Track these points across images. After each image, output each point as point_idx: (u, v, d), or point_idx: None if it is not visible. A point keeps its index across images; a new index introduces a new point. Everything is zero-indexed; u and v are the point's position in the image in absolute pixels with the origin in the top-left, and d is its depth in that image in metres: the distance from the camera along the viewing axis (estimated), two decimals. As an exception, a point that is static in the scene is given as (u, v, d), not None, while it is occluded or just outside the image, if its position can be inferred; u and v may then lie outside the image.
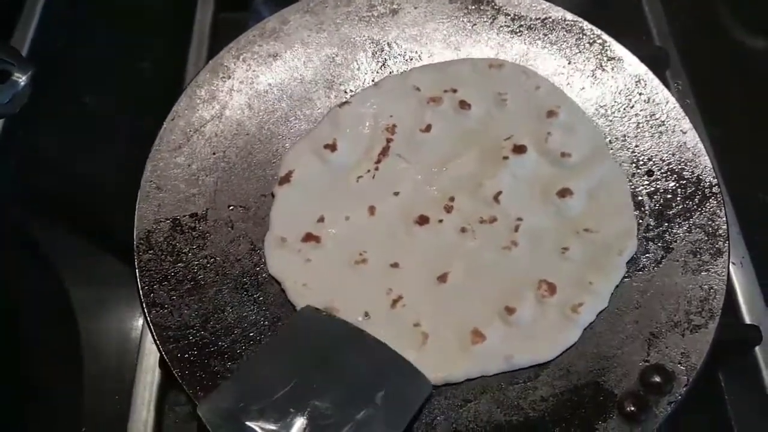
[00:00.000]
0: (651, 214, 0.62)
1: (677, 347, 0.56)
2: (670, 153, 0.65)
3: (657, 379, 0.54)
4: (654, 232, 0.61)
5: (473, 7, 0.73)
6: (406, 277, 0.60)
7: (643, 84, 0.68)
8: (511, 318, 0.57)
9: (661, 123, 0.66)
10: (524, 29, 0.72)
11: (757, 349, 0.66)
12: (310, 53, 0.72)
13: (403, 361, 0.54)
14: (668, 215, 0.62)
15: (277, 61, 0.71)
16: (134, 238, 0.61)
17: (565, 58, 0.71)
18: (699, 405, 0.59)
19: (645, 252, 0.61)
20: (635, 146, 0.66)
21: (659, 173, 0.64)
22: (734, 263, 0.69)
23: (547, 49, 0.71)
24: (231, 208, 0.64)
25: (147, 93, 0.85)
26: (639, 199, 0.63)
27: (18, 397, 0.68)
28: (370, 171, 0.65)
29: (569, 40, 0.71)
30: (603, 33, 0.71)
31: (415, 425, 0.54)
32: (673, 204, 0.63)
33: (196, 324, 0.58)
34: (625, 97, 0.68)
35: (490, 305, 0.58)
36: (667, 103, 0.67)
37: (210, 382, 0.55)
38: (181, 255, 0.61)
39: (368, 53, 0.72)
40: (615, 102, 0.68)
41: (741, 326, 0.67)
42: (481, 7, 0.73)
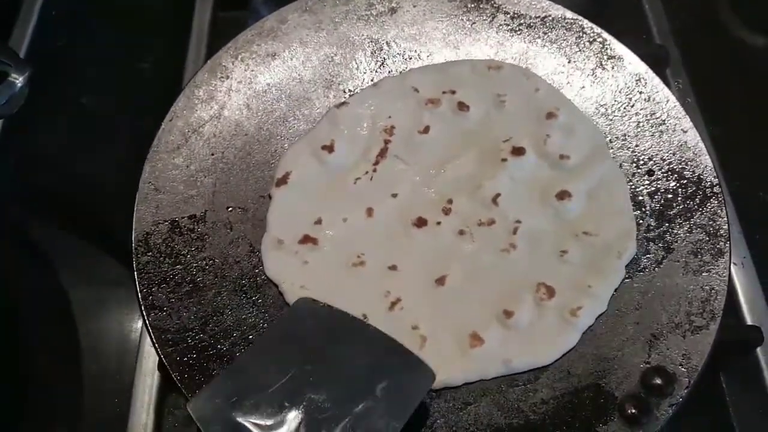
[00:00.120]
0: (651, 215, 0.62)
1: (678, 349, 0.55)
2: (670, 152, 0.64)
3: (658, 380, 0.54)
4: (655, 233, 0.61)
5: (472, 5, 0.73)
6: (404, 279, 0.60)
7: (643, 83, 0.68)
8: (510, 321, 0.57)
9: (661, 122, 0.66)
10: (524, 28, 0.72)
11: (759, 350, 0.66)
12: (308, 53, 0.71)
13: (404, 351, 0.53)
14: (669, 215, 0.62)
15: (275, 61, 0.71)
16: (132, 240, 0.61)
17: (565, 56, 0.70)
18: (700, 407, 0.59)
19: (646, 253, 0.60)
20: (635, 146, 0.66)
21: (660, 173, 0.64)
22: (735, 264, 0.69)
23: (546, 47, 0.71)
24: (230, 209, 0.64)
25: (146, 92, 0.85)
26: (639, 199, 0.63)
27: (17, 398, 0.68)
28: (368, 172, 0.65)
29: (569, 38, 0.71)
30: (603, 31, 0.70)
31: (416, 427, 0.54)
32: (673, 204, 0.62)
33: (195, 327, 0.58)
34: (626, 95, 0.68)
35: (489, 308, 0.58)
36: (667, 102, 0.66)
37: (209, 386, 0.55)
38: (180, 257, 0.61)
39: (367, 52, 0.72)
40: (615, 101, 0.68)
41: (742, 327, 0.67)
42: (481, 6, 0.73)
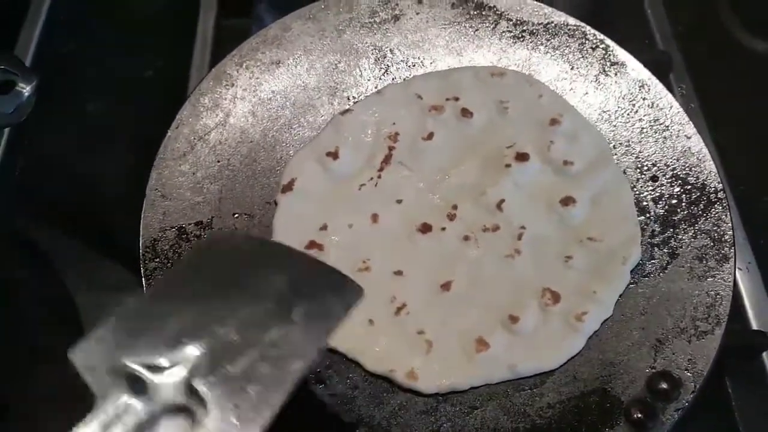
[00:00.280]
0: (656, 220, 0.62)
1: (684, 354, 0.55)
2: (674, 158, 0.65)
3: (664, 385, 0.54)
4: (659, 238, 0.61)
5: (475, 12, 0.73)
6: (409, 284, 0.60)
7: (646, 89, 0.68)
8: (515, 326, 0.57)
9: (665, 128, 0.66)
10: (527, 34, 0.72)
11: (765, 354, 0.66)
12: (312, 60, 0.72)
13: (329, 271, 0.48)
14: (673, 221, 0.62)
15: (279, 69, 0.71)
16: (140, 246, 0.61)
17: (567, 63, 0.70)
18: (706, 411, 0.58)
19: (650, 258, 0.60)
20: (639, 151, 0.66)
21: (664, 178, 0.64)
22: (740, 269, 0.69)
23: (549, 54, 0.71)
24: (236, 216, 0.64)
25: (151, 100, 0.85)
26: (644, 205, 0.63)
27: (20, 403, 0.68)
28: (372, 179, 0.65)
29: (572, 45, 0.71)
30: (606, 38, 0.71)
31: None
32: (678, 209, 0.62)
33: (200, 333, 0.58)
34: (629, 102, 0.68)
35: (494, 314, 0.58)
36: (671, 107, 0.67)
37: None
38: (186, 264, 0.61)
39: (371, 60, 0.72)
40: (618, 107, 0.68)
41: (748, 332, 0.67)
42: (483, 13, 0.73)
